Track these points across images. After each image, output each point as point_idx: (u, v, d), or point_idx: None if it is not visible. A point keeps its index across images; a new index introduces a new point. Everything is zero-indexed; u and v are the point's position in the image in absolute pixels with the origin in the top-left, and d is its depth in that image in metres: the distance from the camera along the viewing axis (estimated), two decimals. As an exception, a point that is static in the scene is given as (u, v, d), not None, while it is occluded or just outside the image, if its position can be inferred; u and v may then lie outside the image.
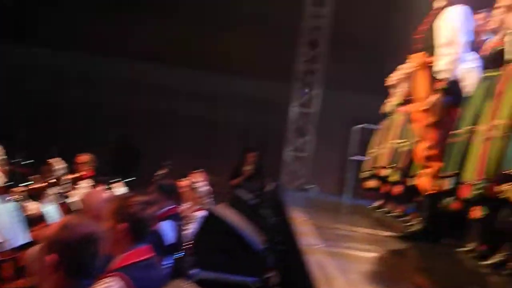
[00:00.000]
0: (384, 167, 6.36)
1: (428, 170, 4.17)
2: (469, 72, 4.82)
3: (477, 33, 5.13)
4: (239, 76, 12.08)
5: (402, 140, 5.78)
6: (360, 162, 8.42)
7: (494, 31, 4.48)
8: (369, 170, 7.35)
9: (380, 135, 7.23)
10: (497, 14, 4.33)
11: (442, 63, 4.04)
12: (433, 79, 4.07)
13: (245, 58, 12.07)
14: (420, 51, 4.25)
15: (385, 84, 7.52)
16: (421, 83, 4.17)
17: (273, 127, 12.09)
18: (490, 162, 3.34)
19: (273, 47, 11.66)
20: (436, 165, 4.08)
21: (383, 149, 6.76)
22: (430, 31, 4.20)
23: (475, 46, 4.98)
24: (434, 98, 4.01)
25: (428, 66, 4.14)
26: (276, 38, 11.48)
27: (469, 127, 3.81)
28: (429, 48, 4.17)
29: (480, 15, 5.16)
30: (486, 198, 3.34)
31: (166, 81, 12.01)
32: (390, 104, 7.25)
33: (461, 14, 4.13)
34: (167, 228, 4.74)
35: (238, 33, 11.94)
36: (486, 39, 4.83)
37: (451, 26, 4.10)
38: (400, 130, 6.03)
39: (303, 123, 11.44)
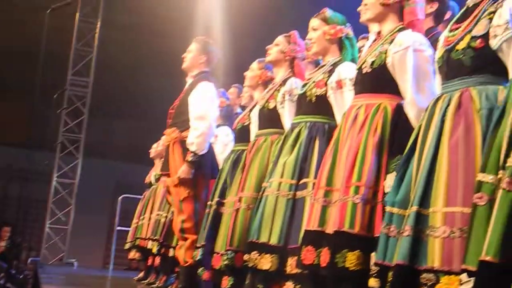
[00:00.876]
0: (146, 238, 6.32)
1: (185, 242, 4.24)
2: (222, 145, 5.07)
3: (230, 106, 5.46)
4: (-4, 145, 11.32)
5: (162, 212, 5.82)
6: (124, 233, 8.29)
7: (244, 107, 4.79)
8: (132, 241, 7.26)
9: (143, 206, 7.21)
10: (246, 91, 4.65)
11: (193, 137, 4.19)
12: (186, 153, 4.20)
13: (3, 125, 11.42)
14: (173, 125, 4.38)
15: (150, 155, 7.60)
16: (175, 157, 4.28)
17: (33, 199, 11.44)
18: (237, 232, 3.51)
19: (34, 115, 11.18)
20: (191, 237, 4.18)
21: (145, 220, 6.73)
22: (183, 106, 4.35)
23: (229, 120, 5.29)
24: (185, 171, 4.13)
25: (180, 141, 4.27)
26: (36, 107, 11.03)
27: (220, 199, 3.99)
28: (182, 122, 4.30)
29: (232, 90, 5.51)
30: (234, 267, 3.48)
31: None
32: (152, 174, 7.30)
33: (210, 90, 4.35)
34: None
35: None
36: (239, 113, 5.15)
37: (201, 101, 4.29)
38: (160, 201, 6.08)
39: (65, 194, 10.98)
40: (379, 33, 3.05)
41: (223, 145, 5.15)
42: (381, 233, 2.39)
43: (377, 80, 2.81)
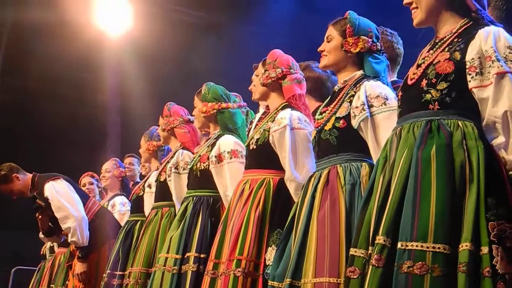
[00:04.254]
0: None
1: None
2: (118, 215, 5.05)
3: (130, 177, 5.48)
4: None
5: (53, 286, 5.64)
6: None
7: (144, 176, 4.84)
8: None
9: (37, 279, 6.94)
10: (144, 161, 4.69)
11: (70, 238, 4.45)
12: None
13: None
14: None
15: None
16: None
17: None
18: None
19: None
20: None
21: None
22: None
23: (127, 189, 5.31)
24: (79, 267, 4.38)
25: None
26: None
27: (112, 271, 4.04)
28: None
29: (128, 160, 5.54)
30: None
31: None
32: (47, 246, 7.08)
33: (53, 187, 4.56)
34: None
35: None
36: (137, 182, 5.15)
37: (53, 204, 4.59)
38: (54, 274, 5.89)
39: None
40: (267, 107, 3.18)
41: (120, 214, 5.13)
42: (265, 306, 2.48)
43: (262, 156, 2.97)
